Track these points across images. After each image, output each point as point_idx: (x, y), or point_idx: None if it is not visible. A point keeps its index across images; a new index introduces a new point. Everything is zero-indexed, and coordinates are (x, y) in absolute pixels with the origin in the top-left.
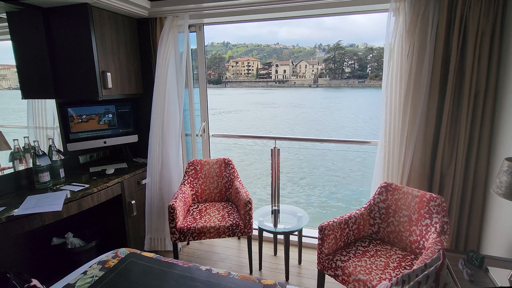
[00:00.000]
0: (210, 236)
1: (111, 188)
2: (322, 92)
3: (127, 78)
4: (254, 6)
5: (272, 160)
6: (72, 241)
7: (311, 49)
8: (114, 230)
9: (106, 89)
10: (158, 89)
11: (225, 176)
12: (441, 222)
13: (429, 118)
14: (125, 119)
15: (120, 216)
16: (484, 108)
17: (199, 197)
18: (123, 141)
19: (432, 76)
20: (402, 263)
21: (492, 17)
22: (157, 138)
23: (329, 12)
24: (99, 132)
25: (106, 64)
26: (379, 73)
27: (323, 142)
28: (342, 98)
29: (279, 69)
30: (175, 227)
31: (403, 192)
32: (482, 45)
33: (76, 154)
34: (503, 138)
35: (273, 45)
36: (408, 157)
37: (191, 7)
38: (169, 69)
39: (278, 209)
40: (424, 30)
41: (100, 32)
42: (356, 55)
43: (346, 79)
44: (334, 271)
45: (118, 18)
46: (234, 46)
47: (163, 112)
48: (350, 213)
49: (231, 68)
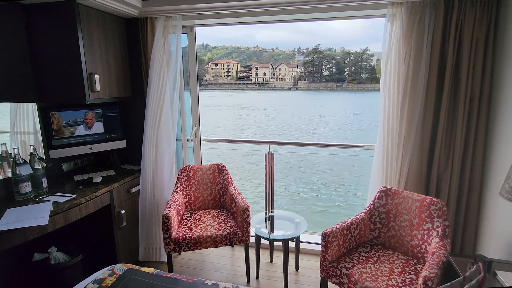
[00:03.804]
0: (207, 246)
1: (99, 198)
2: (302, 95)
3: (116, 81)
4: (250, 9)
5: (266, 165)
6: (56, 256)
7: (291, 52)
8: (102, 243)
9: (93, 92)
10: (153, 91)
11: (219, 182)
12: (442, 226)
13: (426, 123)
14: (112, 123)
15: (109, 228)
16: (479, 113)
17: (192, 205)
18: (111, 147)
19: (429, 81)
20: (406, 268)
21: (485, 24)
22: (151, 143)
23: (326, 17)
24: (84, 138)
25: (93, 66)
26: (356, 76)
27: (316, 146)
28: (322, 101)
29: (259, 71)
30: (169, 238)
31: (403, 196)
32: (477, 51)
33: (59, 162)
34: (497, 142)
35: (252, 47)
36: (405, 161)
37: (183, 8)
38: (163, 71)
39: (273, 216)
40: (421, 36)
41: (87, 32)
42: (334, 59)
43: (325, 82)
44: (339, 279)
45: (106, 17)
46: (213, 48)
47: (157, 115)
48: (351, 218)
49: (211, 71)
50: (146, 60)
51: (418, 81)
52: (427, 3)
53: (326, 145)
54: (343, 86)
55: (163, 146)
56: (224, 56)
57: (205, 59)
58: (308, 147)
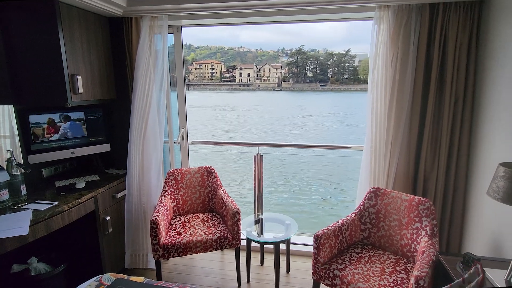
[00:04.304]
0: (197, 251)
1: (83, 204)
2: (287, 95)
3: (99, 82)
4: (238, 9)
5: (255, 166)
6: (36, 267)
7: (275, 53)
8: (86, 251)
9: (76, 94)
10: (139, 93)
11: (208, 186)
12: (431, 225)
13: (413, 124)
14: (96, 126)
15: (93, 235)
16: (463, 114)
17: (181, 209)
18: (94, 151)
19: (415, 83)
20: (396, 267)
21: (468, 29)
22: (137, 147)
23: (315, 19)
24: (66, 142)
25: (75, 67)
26: (339, 77)
27: (305, 147)
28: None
29: (243, 72)
30: (158, 244)
31: (392, 196)
32: (461, 54)
33: (39, 167)
34: (481, 142)
35: (236, 48)
36: (393, 161)
37: (169, 8)
38: (149, 72)
39: (263, 218)
40: (407, 39)
41: (69, 31)
42: (317, 60)
43: (308, 83)
44: (331, 281)
45: (89, 16)
46: (197, 48)
47: (144, 117)
48: (342, 219)
49: (194, 71)
50: (131, 61)
51: (405, 83)
52: (413, 7)
53: (314, 147)
54: (327, 87)
55: (150, 149)
56: (208, 56)
57: (189, 60)
58: (295, 148)
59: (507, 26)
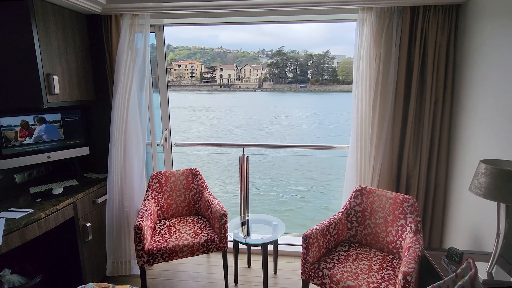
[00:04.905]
0: (183, 256)
1: (61, 211)
2: (267, 96)
3: (77, 82)
4: (223, 9)
5: (241, 168)
6: (10, 279)
7: (255, 54)
8: (65, 260)
9: (52, 95)
10: (120, 94)
11: (193, 188)
12: (415, 222)
13: (396, 123)
14: (73, 129)
15: (73, 243)
16: (443, 114)
17: (165, 213)
18: (72, 155)
19: (397, 84)
20: (383, 264)
21: (447, 31)
22: (118, 150)
23: (298, 19)
24: (41, 145)
25: (51, 66)
26: (319, 78)
27: (289, 148)
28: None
29: (223, 73)
30: (143, 250)
31: (377, 194)
32: (440, 56)
33: (11, 173)
34: (459, 141)
35: (216, 48)
36: (378, 160)
37: (150, 6)
38: (130, 72)
39: (249, 220)
40: (389, 41)
41: (44, 29)
42: (297, 61)
43: (289, 84)
44: (321, 280)
45: (65, 13)
46: (176, 48)
47: (125, 119)
48: (329, 218)
49: (174, 72)
50: (111, 61)
51: (388, 83)
52: (394, 9)
53: (297, 147)
54: (307, 88)
55: (132, 152)
56: (188, 56)
57: (168, 60)
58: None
59: (482, 29)
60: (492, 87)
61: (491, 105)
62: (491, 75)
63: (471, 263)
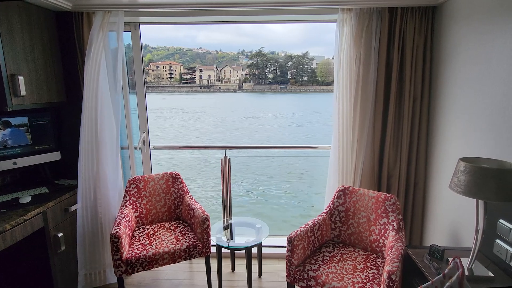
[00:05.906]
0: (164, 263)
1: (29, 222)
2: (248, 97)
3: (46, 83)
4: (202, 7)
5: (223, 170)
6: None
7: (235, 54)
8: (35, 274)
9: (17, 97)
10: (89, 96)
11: (173, 192)
12: (397, 220)
13: (376, 123)
14: (42, 133)
15: (43, 254)
16: (421, 113)
17: (144, 219)
18: (41, 160)
19: (377, 84)
20: (367, 263)
21: (424, 32)
22: (89, 154)
23: (278, 19)
24: (6, 151)
25: (16, 66)
26: (299, 79)
27: (271, 149)
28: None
29: (203, 74)
30: (120, 259)
31: (360, 194)
32: (417, 56)
33: None
34: (437, 140)
35: (196, 49)
36: (359, 160)
37: (125, 3)
38: (101, 73)
39: (232, 223)
40: (369, 41)
41: (6, 25)
42: (277, 62)
43: (269, 85)
44: (306, 282)
45: (31, 10)
46: (153, 49)
47: (95, 122)
48: (313, 219)
49: (152, 72)
50: (83, 61)
51: (368, 83)
52: (373, 10)
53: (280, 147)
54: (287, 88)
55: (105, 156)
56: (166, 57)
57: (145, 61)
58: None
59: (457, 30)
60: (467, 85)
61: (467, 103)
62: (466, 74)
63: (458, 263)
